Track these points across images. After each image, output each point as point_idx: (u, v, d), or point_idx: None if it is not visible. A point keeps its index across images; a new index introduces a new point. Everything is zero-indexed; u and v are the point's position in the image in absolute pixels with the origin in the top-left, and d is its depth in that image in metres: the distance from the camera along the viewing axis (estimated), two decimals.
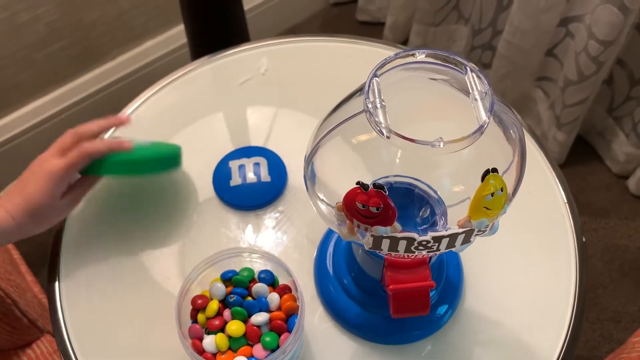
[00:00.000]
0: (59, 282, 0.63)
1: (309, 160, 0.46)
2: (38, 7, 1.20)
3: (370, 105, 0.40)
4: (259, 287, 0.54)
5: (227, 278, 0.55)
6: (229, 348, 0.52)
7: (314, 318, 0.61)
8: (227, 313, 0.54)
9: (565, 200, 0.68)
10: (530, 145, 0.72)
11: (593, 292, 1.28)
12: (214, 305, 0.53)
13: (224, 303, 0.54)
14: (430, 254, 0.45)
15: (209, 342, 0.52)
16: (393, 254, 0.45)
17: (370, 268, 0.57)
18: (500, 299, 0.62)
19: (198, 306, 0.54)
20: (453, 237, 0.43)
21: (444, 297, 0.61)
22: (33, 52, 1.27)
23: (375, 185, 0.40)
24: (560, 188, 0.69)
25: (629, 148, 1.36)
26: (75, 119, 1.39)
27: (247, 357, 0.52)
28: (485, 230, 0.44)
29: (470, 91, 0.41)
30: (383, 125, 0.39)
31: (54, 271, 0.64)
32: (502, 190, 0.40)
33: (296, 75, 0.80)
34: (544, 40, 1.30)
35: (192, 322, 0.54)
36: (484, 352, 0.59)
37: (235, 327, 0.52)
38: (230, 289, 0.55)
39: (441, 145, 0.38)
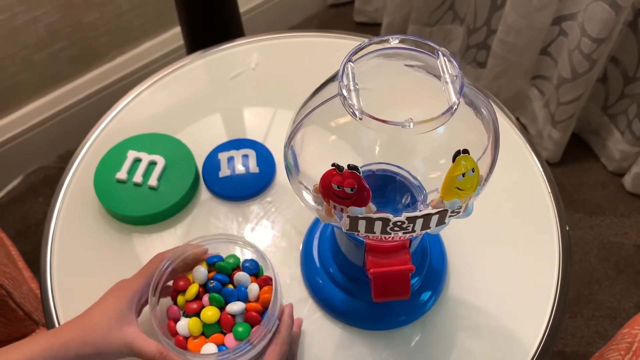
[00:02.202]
0: (50, 272, 0.64)
1: (288, 143, 0.47)
2: (37, 8, 1.22)
3: (344, 89, 0.41)
4: (241, 276, 0.54)
5: (212, 263, 0.55)
6: (202, 333, 0.52)
7: (304, 309, 0.62)
8: (206, 298, 0.53)
9: (550, 191, 0.69)
10: (516, 137, 0.73)
11: (588, 289, 1.29)
12: (193, 289, 0.53)
13: (205, 288, 0.54)
14: (407, 235, 0.46)
15: (183, 325, 0.52)
16: (370, 235, 0.46)
17: (353, 256, 0.58)
18: (483, 286, 0.63)
19: (179, 288, 0.54)
20: (427, 218, 0.44)
21: (427, 283, 0.62)
22: (33, 53, 1.28)
23: (349, 166, 0.41)
24: (545, 178, 0.69)
25: (624, 146, 1.37)
26: (74, 119, 1.41)
27: (217, 345, 0.51)
28: (459, 212, 0.45)
29: (442, 75, 0.42)
30: (356, 107, 0.41)
31: (45, 262, 0.65)
32: (473, 171, 0.41)
33: (285, 70, 0.81)
34: (538, 39, 1.31)
35: (173, 304, 0.54)
36: (467, 337, 0.60)
37: (211, 314, 0.52)
38: (212, 274, 0.54)
39: (411, 126, 0.39)
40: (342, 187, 0.41)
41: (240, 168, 0.69)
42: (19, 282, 0.79)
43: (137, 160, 0.68)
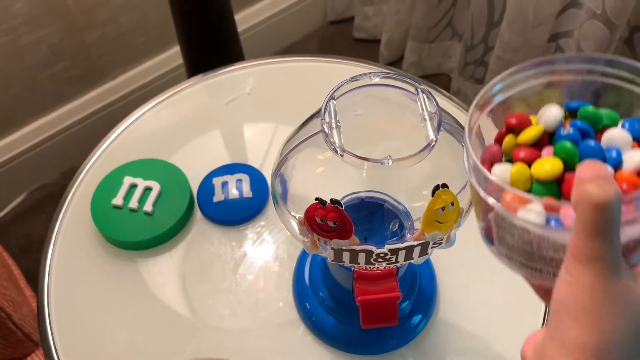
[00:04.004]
0: (47, 295, 0.66)
1: (275, 174, 0.48)
2: (41, 29, 1.25)
3: (325, 126, 0.42)
4: (616, 136, 0.34)
5: (573, 109, 0.36)
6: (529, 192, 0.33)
7: (296, 333, 0.62)
8: (548, 151, 0.35)
9: None
10: None
11: None
12: (534, 131, 0.35)
13: (551, 137, 0.35)
14: (391, 265, 0.47)
15: (499, 170, 0.35)
16: (355, 265, 0.47)
17: (343, 281, 0.59)
18: (474, 310, 0.64)
19: (511, 126, 0.36)
20: (409, 250, 0.45)
21: (417, 307, 0.62)
22: (36, 73, 1.31)
23: (332, 200, 0.42)
24: None
25: None
26: (77, 137, 1.43)
27: (547, 214, 0.32)
28: (442, 243, 0.46)
29: (420, 111, 0.43)
30: (337, 144, 0.42)
31: (43, 285, 0.66)
32: (452, 205, 0.42)
33: (280, 94, 0.82)
34: (535, 56, 1.31)
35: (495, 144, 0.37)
36: None
37: (549, 167, 0.33)
38: (569, 121, 0.36)
39: (390, 163, 0.41)
40: (325, 221, 0.43)
41: (234, 192, 0.70)
42: (19, 304, 0.80)
43: (133, 186, 0.70)
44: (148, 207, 0.68)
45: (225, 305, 0.65)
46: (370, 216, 0.57)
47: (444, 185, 0.42)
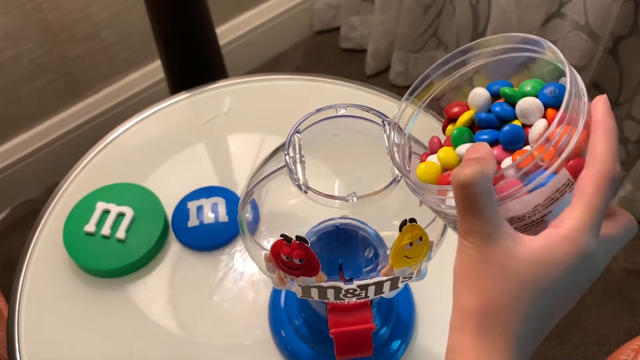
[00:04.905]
0: (18, 322, 0.64)
1: (242, 207, 0.47)
2: (22, 44, 1.23)
3: (290, 161, 0.41)
4: (528, 103, 0.35)
5: (494, 92, 0.38)
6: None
7: None
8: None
9: None
10: None
11: (577, 315, 1.28)
12: (465, 117, 0.38)
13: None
14: (361, 300, 0.46)
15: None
16: (325, 300, 0.46)
17: (319, 308, 0.58)
18: None
19: (451, 116, 0.40)
20: (379, 285, 0.44)
21: (396, 332, 0.61)
22: (18, 88, 1.29)
23: (297, 237, 0.41)
24: None
25: None
26: (60, 151, 1.41)
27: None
28: (412, 277, 0.45)
29: (387, 144, 0.42)
30: (301, 181, 0.41)
31: (14, 313, 0.65)
32: (421, 239, 0.41)
33: (259, 114, 0.81)
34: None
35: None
36: None
37: (445, 154, 0.37)
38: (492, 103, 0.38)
39: (354, 200, 0.40)
40: (291, 258, 0.41)
41: (209, 217, 0.69)
42: None
43: (106, 212, 0.68)
44: (121, 233, 0.67)
45: (201, 332, 0.63)
46: (345, 243, 0.55)
47: (412, 220, 0.41)
